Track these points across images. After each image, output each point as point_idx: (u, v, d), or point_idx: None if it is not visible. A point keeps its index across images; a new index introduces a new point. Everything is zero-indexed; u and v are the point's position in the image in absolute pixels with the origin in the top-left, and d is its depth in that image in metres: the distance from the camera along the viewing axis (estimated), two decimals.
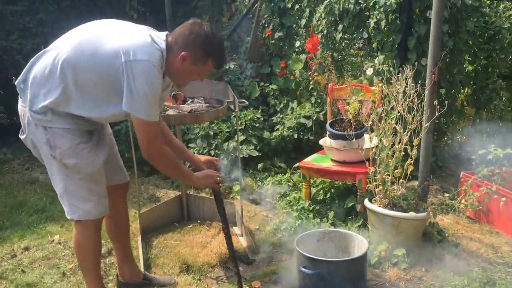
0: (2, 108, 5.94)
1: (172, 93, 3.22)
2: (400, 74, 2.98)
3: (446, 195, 3.79)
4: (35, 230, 3.48)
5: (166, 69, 2.11)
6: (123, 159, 2.71)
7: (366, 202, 3.06)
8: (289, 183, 4.03)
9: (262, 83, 5.09)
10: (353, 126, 3.37)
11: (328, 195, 3.73)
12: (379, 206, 2.96)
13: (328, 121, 3.63)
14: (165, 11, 3.53)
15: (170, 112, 2.98)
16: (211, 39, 2.11)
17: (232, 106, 3.26)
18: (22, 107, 2.16)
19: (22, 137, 2.22)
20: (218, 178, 2.39)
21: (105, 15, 5.73)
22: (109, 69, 2.00)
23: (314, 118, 4.46)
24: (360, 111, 3.40)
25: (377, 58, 4.01)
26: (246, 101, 3.30)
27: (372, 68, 4.00)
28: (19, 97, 2.19)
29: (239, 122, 4.35)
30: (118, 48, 1.99)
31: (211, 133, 4.39)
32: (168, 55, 2.08)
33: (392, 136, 2.96)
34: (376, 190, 3.00)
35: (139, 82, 1.97)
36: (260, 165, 4.31)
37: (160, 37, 2.09)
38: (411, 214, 2.86)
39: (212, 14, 6.09)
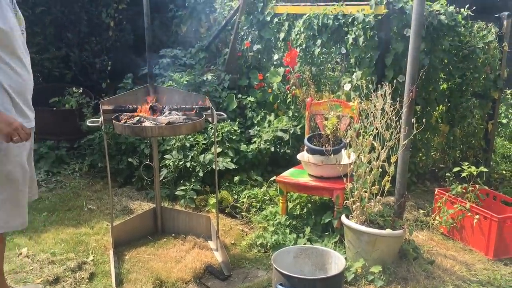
0: None
1: (150, 105, 3.16)
2: (378, 91, 3.00)
3: (421, 211, 3.82)
4: None
5: None
6: (96, 169, 2.67)
7: (343, 218, 3.05)
8: (266, 197, 4.00)
9: (239, 95, 5.06)
10: (331, 142, 3.37)
11: (305, 210, 3.71)
12: (356, 223, 2.95)
13: (306, 136, 3.63)
14: (142, 19, 3.47)
15: (147, 123, 2.92)
16: None
17: (209, 118, 3.22)
18: None
19: None
20: (15, 138, 2.18)
21: (81, 22, 5.65)
22: None
23: (291, 131, 4.45)
24: (338, 126, 3.41)
25: (354, 73, 4.03)
26: (224, 114, 3.27)
27: (350, 84, 4.02)
28: None
29: (216, 134, 4.30)
30: None
31: (188, 144, 4.33)
32: None
33: (370, 152, 2.97)
34: (353, 206, 3.00)
35: None
36: (236, 178, 4.27)
37: None
38: (388, 231, 2.86)
39: (190, 24, 6.06)
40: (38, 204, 3.98)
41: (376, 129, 2.96)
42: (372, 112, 3.00)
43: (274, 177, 3.90)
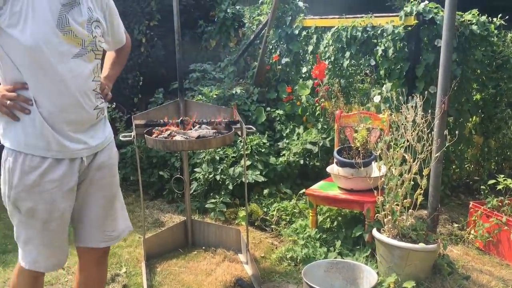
0: None
1: (180, 119, 3.21)
2: (409, 103, 2.96)
3: (455, 225, 3.73)
4: None
5: None
6: (128, 182, 2.63)
7: (375, 232, 3.01)
8: (295, 210, 3.98)
9: (268, 108, 5.09)
10: (361, 154, 3.34)
11: (335, 223, 3.67)
12: (388, 237, 2.91)
13: (336, 149, 3.61)
14: (172, 35, 3.56)
15: (178, 137, 2.96)
16: None
17: (239, 132, 3.25)
18: None
19: None
20: (8, 102, 1.79)
21: None
22: None
23: (321, 144, 4.43)
24: (368, 139, 3.38)
25: (384, 85, 4.00)
26: (253, 128, 3.29)
27: (379, 96, 3.99)
28: None
29: (245, 147, 4.33)
30: None
31: (217, 157, 4.37)
32: None
33: (401, 165, 2.93)
34: (385, 219, 2.95)
35: None
36: (265, 191, 4.27)
37: None
38: (421, 245, 2.80)
39: (219, 39, 6.14)
40: None
41: (407, 141, 2.92)
42: (403, 124, 2.97)
43: (304, 190, 3.88)
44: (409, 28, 3.84)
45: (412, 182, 2.92)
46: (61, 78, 1.80)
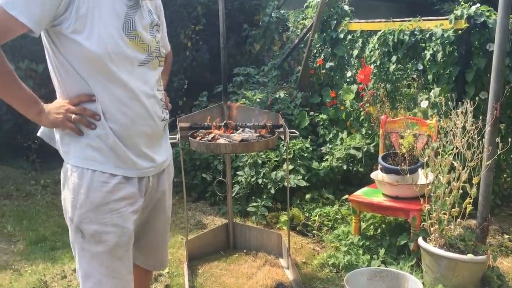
0: None
1: (224, 122, 3.24)
2: (459, 108, 2.87)
3: (506, 236, 3.58)
4: None
5: None
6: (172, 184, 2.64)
7: (420, 241, 2.92)
8: (338, 216, 3.93)
9: (312, 113, 5.05)
10: (407, 161, 3.26)
11: (379, 230, 3.60)
12: (434, 246, 2.82)
13: (380, 154, 3.54)
14: (217, 39, 3.61)
15: (221, 140, 2.98)
16: None
17: (282, 136, 3.24)
18: None
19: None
20: (73, 116, 1.61)
21: None
22: None
23: (365, 149, 4.36)
24: (415, 145, 3.29)
25: (432, 90, 3.89)
26: (296, 132, 3.27)
27: (427, 101, 3.89)
28: None
29: (288, 151, 4.31)
30: None
31: (259, 161, 4.37)
32: None
33: (449, 173, 2.84)
34: (431, 228, 2.87)
35: None
36: (307, 196, 4.24)
37: None
38: (470, 256, 2.70)
39: (263, 43, 6.16)
40: None
41: (456, 148, 2.83)
42: (451, 130, 2.88)
43: (347, 196, 3.83)
44: (459, 32, 3.73)
45: (461, 191, 2.82)
46: (130, 88, 1.64)
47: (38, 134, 1.76)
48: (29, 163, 5.09)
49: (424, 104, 3.92)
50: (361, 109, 4.52)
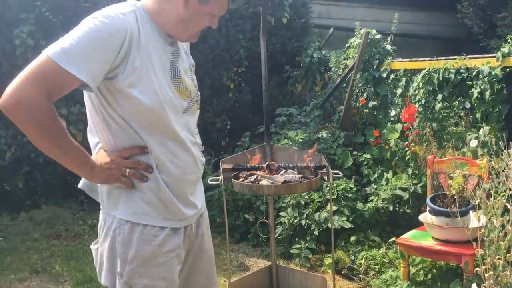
0: None
1: (266, 163, 3.24)
2: (510, 148, 2.76)
3: None
4: None
5: (162, 25, 1.60)
6: (214, 225, 2.62)
7: (474, 287, 2.77)
8: (385, 259, 3.79)
9: (355, 152, 4.99)
10: (457, 203, 3.13)
11: (429, 276, 3.44)
12: None
13: (429, 196, 3.43)
14: (259, 80, 3.70)
15: (264, 182, 2.97)
16: None
17: (325, 177, 3.20)
18: None
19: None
20: (128, 170, 1.57)
21: (204, 85, 6.06)
22: None
23: (411, 190, 4.23)
24: (465, 186, 3.17)
25: (481, 129, 3.78)
26: (340, 173, 3.23)
27: (476, 140, 3.77)
28: None
29: (332, 192, 4.25)
30: None
31: (302, 202, 4.32)
32: (159, 6, 1.59)
33: (503, 215, 2.70)
34: (486, 275, 2.71)
35: (80, 25, 1.46)
36: (352, 238, 4.13)
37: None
38: None
39: (305, 83, 6.21)
40: None
41: (510, 189, 2.70)
42: (504, 171, 2.76)
43: (394, 238, 3.71)
44: (508, 69, 3.63)
45: None
46: (180, 138, 1.63)
47: (79, 186, 1.73)
48: (78, 204, 5.24)
49: (473, 143, 3.79)
50: (407, 148, 4.42)
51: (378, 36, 5.18)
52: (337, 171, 3.25)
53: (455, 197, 3.16)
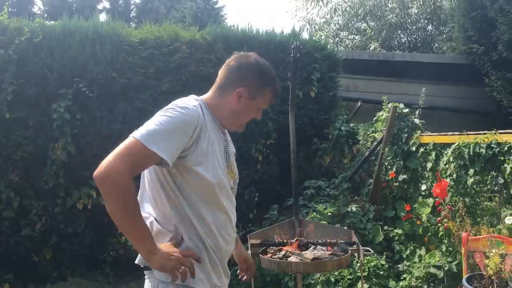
0: None
1: (295, 239, 3.19)
2: None
3: None
4: None
5: (218, 116, 1.91)
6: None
7: None
8: None
9: (386, 227, 4.87)
10: (495, 284, 2.98)
11: None
12: None
13: (464, 276, 3.27)
14: (288, 153, 3.74)
15: (293, 259, 2.91)
16: (263, 67, 1.95)
17: (356, 254, 3.11)
18: None
19: None
20: (182, 268, 1.71)
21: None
22: None
23: (446, 268, 4.06)
24: (502, 266, 3.03)
25: None
26: (371, 250, 3.15)
27: (511, 217, 3.64)
28: None
29: (363, 268, 4.11)
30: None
31: (332, 279, 4.18)
32: (216, 102, 1.91)
33: None
34: None
35: (167, 115, 1.73)
36: None
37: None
38: None
39: (333, 155, 6.21)
40: None
41: None
42: None
43: None
44: None
45: None
46: (227, 212, 1.88)
47: (136, 262, 1.87)
48: (103, 276, 5.20)
49: (509, 220, 3.66)
50: (439, 224, 4.29)
51: (406, 110, 5.21)
52: (368, 248, 3.18)
53: (492, 278, 3.01)
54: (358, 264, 3.89)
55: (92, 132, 5.21)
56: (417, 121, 5.15)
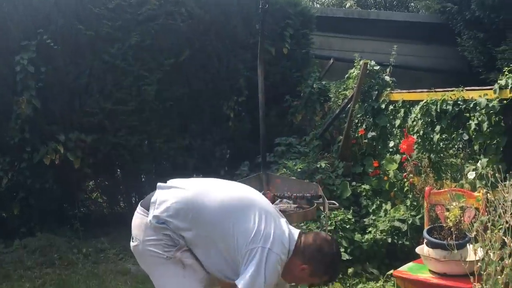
0: (105, 198, 6.31)
1: (262, 192, 3.21)
2: (507, 180, 2.73)
3: None
4: None
5: (284, 267, 2.17)
6: None
7: None
8: None
9: (354, 183, 4.96)
10: (454, 235, 3.07)
11: None
12: None
13: (426, 228, 3.37)
14: (258, 110, 3.75)
15: None
16: (335, 260, 2.26)
17: (321, 207, 3.17)
18: (142, 216, 2.20)
19: (133, 244, 2.23)
20: None
21: (204, 114, 6.06)
22: (239, 243, 2.11)
23: (410, 222, 4.18)
24: (462, 218, 3.12)
25: (479, 161, 3.75)
26: (336, 203, 3.20)
27: (474, 172, 3.73)
28: (139, 206, 2.26)
29: (329, 222, 4.20)
30: (260, 232, 2.11)
31: None
32: (292, 256, 2.18)
33: (501, 249, 2.64)
34: None
35: (269, 272, 2.06)
36: (350, 270, 4.06)
37: (294, 234, 2.24)
38: None
39: (305, 113, 6.21)
40: None
41: (507, 222, 2.65)
42: (501, 203, 2.72)
43: (392, 271, 3.63)
44: (505, 101, 3.63)
45: None
46: None
47: None
48: (73, 231, 5.19)
49: (471, 175, 3.76)
50: (405, 179, 4.39)
51: (377, 67, 5.21)
52: (333, 201, 3.23)
53: (451, 230, 3.10)
54: (323, 216, 3.97)
55: (58, 86, 5.08)
56: (387, 78, 5.16)
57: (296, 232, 2.27)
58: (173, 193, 2.21)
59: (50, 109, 5.07)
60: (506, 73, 3.72)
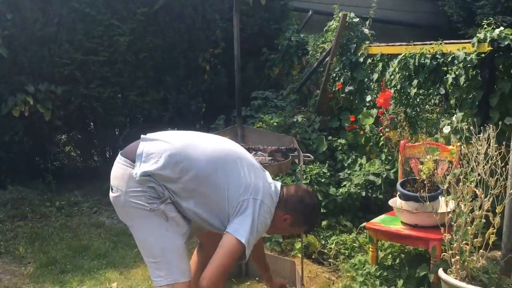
0: (78, 151, 6.19)
1: None
2: (481, 134, 2.74)
3: None
4: (95, 275, 3.47)
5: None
6: None
7: (441, 272, 2.75)
8: (355, 244, 3.78)
9: (330, 137, 4.95)
10: (427, 188, 3.11)
11: (397, 260, 3.43)
12: (455, 278, 2.65)
13: (399, 181, 3.40)
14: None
15: None
16: (315, 211, 2.36)
17: (296, 160, 3.14)
18: (124, 166, 2.13)
19: (113, 195, 2.15)
20: None
21: (179, 66, 5.91)
22: (230, 195, 2.11)
23: (384, 176, 4.22)
24: (435, 171, 3.15)
25: (455, 115, 3.76)
26: (311, 156, 3.18)
27: (449, 126, 3.75)
28: (120, 157, 2.18)
29: (304, 176, 4.21)
30: (250, 184, 2.13)
31: None
32: (275, 209, 2.23)
33: (472, 201, 2.69)
34: (452, 260, 2.70)
35: (260, 223, 2.10)
36: (324, 223, 4.11)
37: (277, 186, 2.28)
38: None
39: (282, 67, 6.12)
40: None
41: (479, 175, 2.68)
42: (474, 156, 2.74)
43: (365, 224, 3.69)
44: (483, 55, 3.61)
45: (484, 220, 2.66)
46: None
47: None
48: (45, 185, 5.10)
49: (447, 129, 3.78)
50: (381, 134, 4.40)
51: (356, 19, 5.11)
52: (308, 154, 3.21)
53: (424, 182, 3.13)
54: (298, 170, 3.97)
55: (25, 35, 4.85)
56: (366, 31, 5.08)
57: (278, 184, 2.29)
58: (160, 145, 2.13)
59: (18, 58, 4.86)
60: (485, 26, 3.68)
